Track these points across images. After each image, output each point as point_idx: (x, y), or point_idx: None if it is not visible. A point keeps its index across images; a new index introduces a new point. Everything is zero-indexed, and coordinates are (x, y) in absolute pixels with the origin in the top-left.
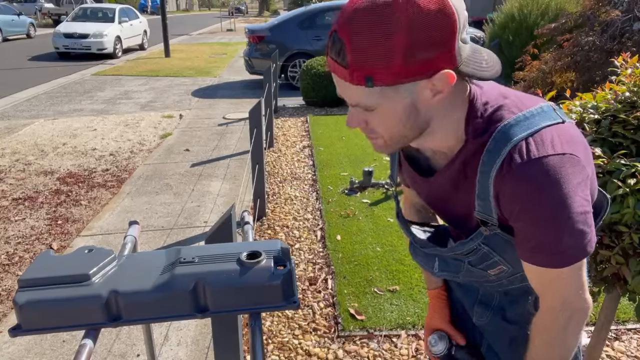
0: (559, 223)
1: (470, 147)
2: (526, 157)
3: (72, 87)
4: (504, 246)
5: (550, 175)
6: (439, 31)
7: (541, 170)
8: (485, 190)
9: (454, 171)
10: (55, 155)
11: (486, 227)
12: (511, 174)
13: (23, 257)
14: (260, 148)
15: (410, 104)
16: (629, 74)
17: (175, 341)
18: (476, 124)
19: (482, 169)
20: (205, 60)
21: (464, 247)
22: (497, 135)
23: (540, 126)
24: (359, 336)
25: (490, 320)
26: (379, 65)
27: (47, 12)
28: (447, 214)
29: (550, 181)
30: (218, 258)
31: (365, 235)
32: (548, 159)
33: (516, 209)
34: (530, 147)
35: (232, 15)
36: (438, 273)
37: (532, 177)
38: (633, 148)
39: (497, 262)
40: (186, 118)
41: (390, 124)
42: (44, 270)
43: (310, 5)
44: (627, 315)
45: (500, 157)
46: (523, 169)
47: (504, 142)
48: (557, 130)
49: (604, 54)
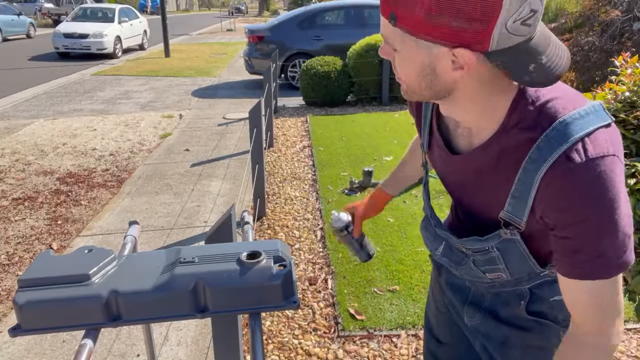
0: (611, 225)
1: (513, 137)
2: (584, 157)
3: (72, 87)
4: (514, 255)
5: (607, 176)
6: (471, 6)
7: (598, 170)
8: (526, 189)
9: (486, 158)
10: (55, 155)
11: (507, 229)
12: (568, 173)
13: (23, 257)
14: (260, 148)
15: (428, 64)
16: (628, 74)
17: (175, 341)
18: (527, 111)
19: (528, 167)
20: (205, 60)
21: (476, 245)
22: (550, 132)
23: (595, 126)
24: (359, 336)
25: (482, 321)
26: (403, 8)
27: (47, 12)
28: (460, 200)
29: (607, 182)
30: (218, 258)
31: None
32: (605, 160)
33: (565, 211)
34: (587, 147)
35: (232, 15)
36: (439, 257)
37: (589, 177)
38: (633, 148)
39: (499, 269)
40: (186, 118)
41: (407, 72)
42: (43, 270)
43: (310, 5)
44: (627, 315)
45: (553, 155)
46: (581, 169)
47: (559, 140)
48: (609, 132)
49: (603, 54)
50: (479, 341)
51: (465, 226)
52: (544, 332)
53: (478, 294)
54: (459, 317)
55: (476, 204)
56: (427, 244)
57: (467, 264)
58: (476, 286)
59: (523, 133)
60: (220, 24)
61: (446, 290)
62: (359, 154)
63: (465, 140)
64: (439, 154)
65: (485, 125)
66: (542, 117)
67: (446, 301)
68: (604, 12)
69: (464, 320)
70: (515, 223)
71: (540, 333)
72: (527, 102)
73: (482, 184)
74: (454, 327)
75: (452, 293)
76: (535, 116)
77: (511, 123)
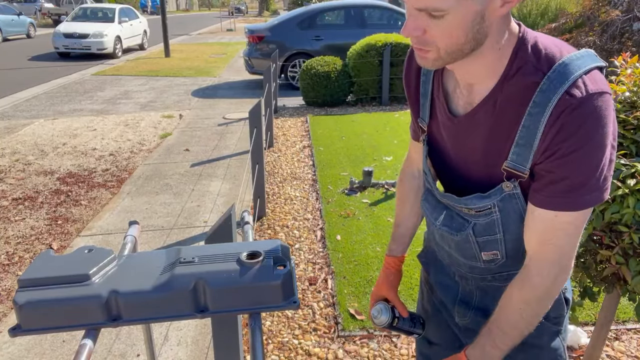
0: (596, 160)
1: (515, 84)
2: (585, 92)
3: (72, 87)
4: (512, 218)
5: (603, 112)
6: None
7: (596, 105)
8: (532, 134)
9: (489, 111)
10: (55, 155)
11: (509, 182)
12: (570, 109)
13: (23, 257)
14: (260, 148)
15: (480, 12)
16: (629, 74)
17: (175, 341)
18: (527, 58)
19: (533, 111)
20: (205, 60)
21: (480, 203)
22: (552, 74)
23: (592, 66)
24: (359, 336)
25: (473, 320)
26: None
27: (47, 12)
28: (462, 169)
29: (602, 117)
30: (218, 258)
31: (365, 235)
32: (603, 97)
33: (560, 144)
34: (587, 83)
35: (232, 15)
36: (439, 226)
37: (589, 111)
38: (633, 148)
39: (496, 241)
40: (186, 118)
41: (454, 33)
42: (44, 270)
43: (310, 5)
44: (627, 315)
45: (557, 94)
46: (582, 103)
47: (560, 80)
48: (600, 73)
49: (604, 54)
50: (471, 340)
51: (467, 193)
52: (536, 329)
53: (467, 291)
54: (450, 317)
55: (479, 165)
56: (426, 213)
57: (466, 231)
58: (466, 281)
59: (525, 78)
60: (220, 24)
61: (436, 289)
62: (359, 154)
63: (463, 101)
64: (442, 121)
65: (489, 77)
66: (542, 62)
67: (436, 302)
68: (604, 12)
69: (455, 320)
70: (519, 172)
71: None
72: (527, 50)
73: (485, 140)
74: (444, 328)
75: (442, 292)
76: (535, 62)
77: (513, 70)
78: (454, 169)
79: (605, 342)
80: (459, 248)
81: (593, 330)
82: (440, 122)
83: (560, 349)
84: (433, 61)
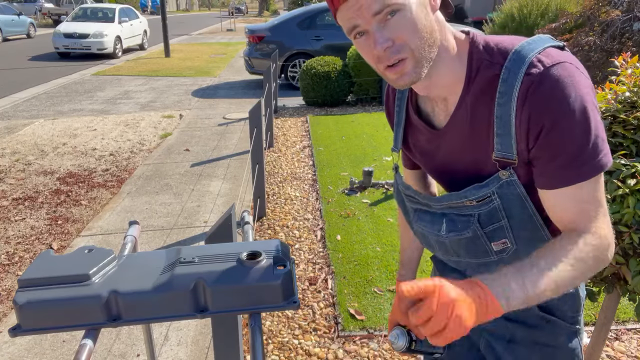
0: (579, 126)
1: (478, 83)
2: (542, 67)
3: (72, 87)
4: (514, 203)
5: (567, 80)
6: None
7: (557, 75)
8: (506, 122)
9: (465, 115)
10: (55, 155)
11: (504, 170)
12: (533, 88)
13: (23, 257)
14: (260, 148)
15: (422, 2)
16: (629, 74)
17: (175, 341)
18: (482, 56)
19: (500, 101)
20: (205, 60)
21: (479, 192)
22: (509, 64)
23: (545, 46)
24: (359, 336)
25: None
26: None
27: (47, 12)
28: (459, 172)
29: (568, 86)
30: (218, 258)
31: (365, 235)
32: (561, 66)
33: (537, 122)
34: (542, 59)
35: (232, 15)
36: (445, 235)
37: (551, 83)
38: (633, 148)
39: (502, 229)
40: (186, 118)
41: (416, 26)
42: (44, 270)
43: (310, 5)
44: (627, 315)
45: (518, 79)
46: (541, 78)
47: (518, 65)
48: (562, 52)
49: (604, 54)
50: (484, 339)
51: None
52: (552, 329)
53: None
54: None
55: (472, 165)
56: (426, 231)
57: (473, 225)
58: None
59: (485, 74)
60: (221, 24)
61: None
62: (359, 154)
63: (443, 115)
64: (425, 137)
65: (455, 84)
66: (496, 56)
67: None
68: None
69: None
70: (508, 160)
71: (548, 330)
72: (479, 50)
73: (473, 139)
74: None
75: None
76: (489, 58)
77: (473, 72)
78: (452, 174)
79: (605, 342)
80: (469, 250)
81: (593, 330)
82: (422, 140)
83: (578, 349)
84: (412, 69)
